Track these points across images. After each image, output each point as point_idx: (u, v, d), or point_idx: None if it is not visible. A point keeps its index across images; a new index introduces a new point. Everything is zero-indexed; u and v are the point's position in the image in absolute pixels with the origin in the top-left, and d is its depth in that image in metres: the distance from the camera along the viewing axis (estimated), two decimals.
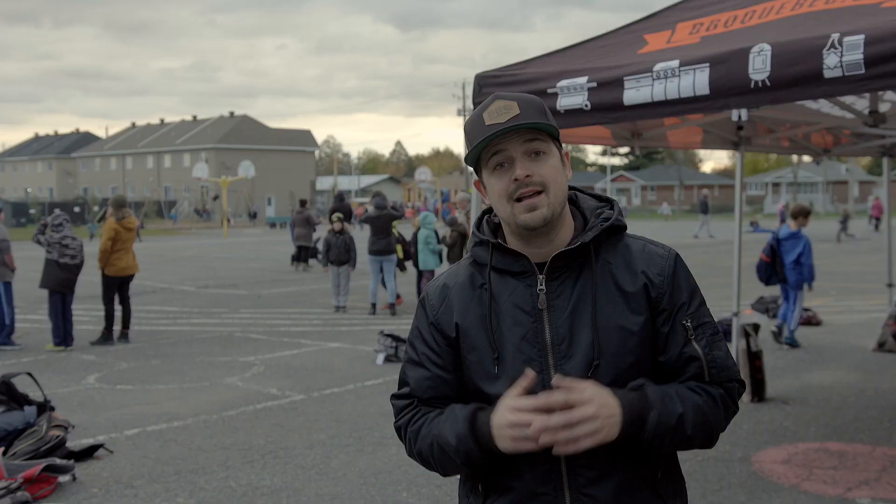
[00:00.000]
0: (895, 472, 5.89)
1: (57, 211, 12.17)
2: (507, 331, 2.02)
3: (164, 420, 7.74)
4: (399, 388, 2.16)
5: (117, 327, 12.17)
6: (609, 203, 2.14)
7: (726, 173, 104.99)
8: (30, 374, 7.45)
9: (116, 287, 12.05)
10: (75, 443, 6.82)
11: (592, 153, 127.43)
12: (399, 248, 15.29)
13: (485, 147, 2.00)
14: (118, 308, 12.15)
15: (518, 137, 1.98)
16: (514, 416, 1.88)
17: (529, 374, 1.94)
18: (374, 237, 14.54)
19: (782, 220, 47.91)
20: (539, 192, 1.98)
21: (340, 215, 15.69)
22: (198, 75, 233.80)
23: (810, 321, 12.30)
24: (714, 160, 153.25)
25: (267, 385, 9.17)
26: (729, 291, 8.76)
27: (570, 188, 2.13)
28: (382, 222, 14.64)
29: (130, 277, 12.16)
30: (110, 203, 12.28)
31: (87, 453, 6.59)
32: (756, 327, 8.23)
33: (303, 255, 23.10)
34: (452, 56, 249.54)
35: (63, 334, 11.51)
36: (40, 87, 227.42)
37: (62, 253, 11.39)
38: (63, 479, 5.98)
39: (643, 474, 2.01)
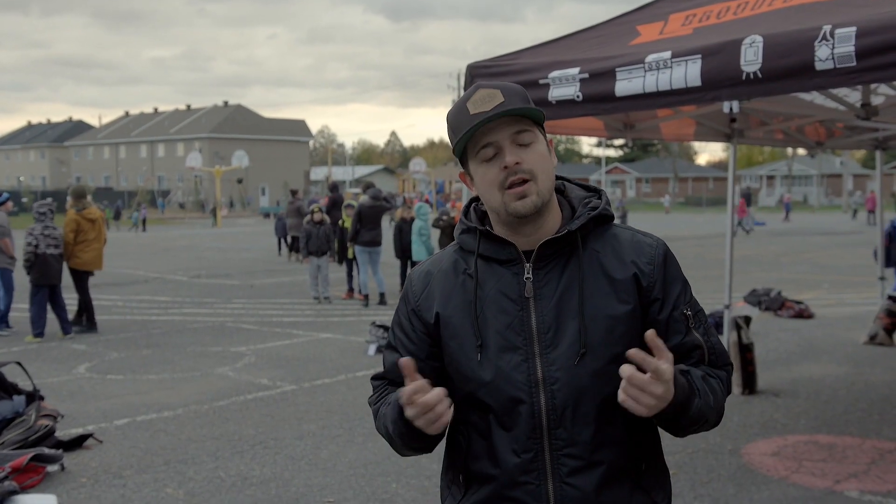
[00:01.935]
0: (884, 465, 5.88)
1: (49, 199, 12.10)
2: (491, 318, 2.00)
3: (155, 410, 7.72)
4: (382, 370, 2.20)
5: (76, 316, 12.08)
6: (597, 192, 2.13)
7: (721, 166, 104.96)
8: (19, 364, 7.42)
9: (85, 278, 11.94)
10: (64, 432, 6.79)
11: (587, 145, 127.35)
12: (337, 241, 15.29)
13: (471, 137, 1.98)
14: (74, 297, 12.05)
15: (505, 126, 1.96)
16: (410, 411, 1.89)
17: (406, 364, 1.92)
18: (364, 228, 14.45)
19: (787, 212, 47.70)
20: (528, 180, 1.96)
21: (320, 205, 15.69)
22: (189, 64, 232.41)
23: (802, 314, 12.32)
24: (709, 152, 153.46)
25: (258, 375, 9.14)
26: (720, 284, 8.75)
27: (558, 178, 2.12)
28: (375, 213, 14.59)
29: (91, 273, 12.06)
30: (70, 194, 12.14)
31: (76, 443, 6.56)
32: (747, 320, 8.21)
33: (295, 245, 23.09)
34: (444, 47, 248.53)
35: (61, 324, 11.46)
36: (31, 76, 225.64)
37: (47, 243, 11.33)
38: (51, 468, 5.95)
39: (627, 465, 2.00)
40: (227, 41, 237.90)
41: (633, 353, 1.83)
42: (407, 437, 2.00)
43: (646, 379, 1.80)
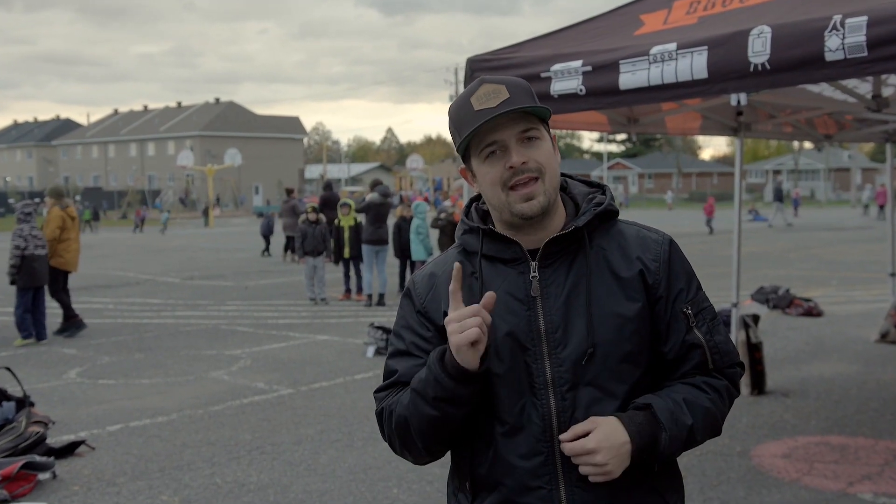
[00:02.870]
0: None
1: (35, 199, 12.01)
2: (499, 319, 1.95)
3: (148, 415, 7.61)
4: (384, 381, 2.09)
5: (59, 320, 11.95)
6: (601, 188, 2.10)
7: (725, 160, 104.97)
8: (8, 369, 7.31)
9: (63, 279, 11.82)
10: (56, 439, 6.70)
11: (588, 140, 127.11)
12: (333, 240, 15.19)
13: (475, 134, 1.94)
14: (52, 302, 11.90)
15: (511, 123, 1.93)
16: (452, 326, 1.85)
17: (489, 296, 1.89)
18: (372, 226, 14.26)
19: (796, 207, 47.64)
20: (535, 179, 1.94)
21: (315, 205, 15.56)
22: (178, 61, 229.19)
23: (811, 312, 12.16)
24: (713, 147, 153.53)
25: (254, 379, 9.03)
26: (728, 282, 8.63)
27: (560, 174, 2.08)
28: (384, 211, 14.43)
29: (69, 273, 11.95)
30: (50, 193, 12.05)
31: (68, 450, 6.47)
32: (756, 318, 8.08)
33: (290, 245, 22.85)
34: (439, 41, 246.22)
35: (36, 328, 11.28)
36: (16, 73, 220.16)
37: (35, 244, 11.19)
38: (43, 476, 5.86)
39: (640, 468, 1.95)
40: (217, 37, 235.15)
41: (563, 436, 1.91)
42: (446, 386, 1.88)
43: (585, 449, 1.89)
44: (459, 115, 1.97)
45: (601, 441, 1.86)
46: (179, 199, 70.59)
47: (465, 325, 1.83)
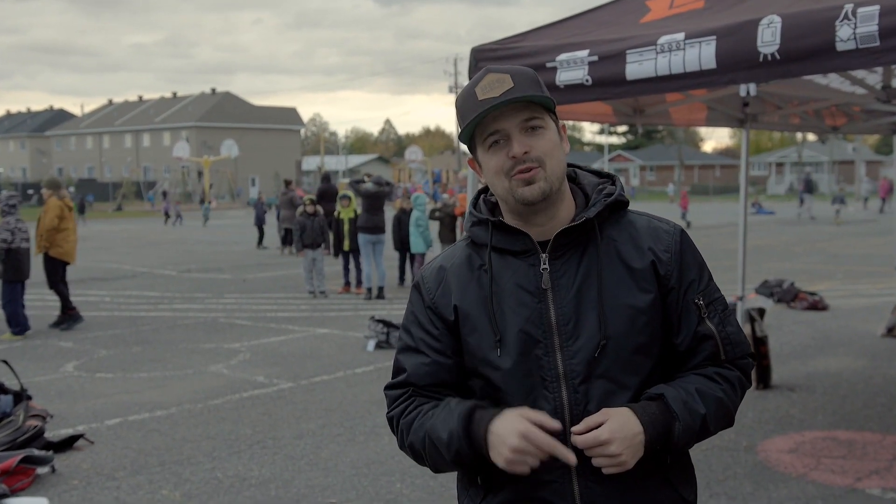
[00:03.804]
0: None
1: (8, 192, 11.89)
2: (510, 312, 1.96)
3: (147, 409, 7.54)
4: (393, 378, 2.08)
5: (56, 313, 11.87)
6: (610, 178, 2.09)
7: (728, 153, 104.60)
8: (5, 362, 7.26)
9: (62, 270, 11.72)
10: (54, 433, 6.64)
11: (589, 132, 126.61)
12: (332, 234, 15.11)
13: (479, 123, 1.94)
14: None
15: (513, 112, 1.92)
16: (522, 444, 1.82)
17: (554, 425, 1.85)
18: (368, 214, 14.16)
19: (801, 202, 47.39)
20: (535, 168, 1.92)
21: (313, 197, 15.45)
22: (172, 51, 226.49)
23: (816, 306, 12.08)
24: (716, 139, 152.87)
25: (253, 373, 8.95)
26: (732, 275, 8.56)
27: (569, 165, 2.08)
28: (379, 199, 14.33)
29: (67, 264, 11.88)
30: (46, 185, 11.99)
31: (67, 444, 6.41)
32: (761, 312, 8.00)
33: (288, 237, 22.69)
34: (437, 31, 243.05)
35: (24, 322, 11.16)
36: (7, 63, 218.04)
37: (21, 237, 11.07)
38: (42, 470, 5.81)
39: (653, 460, 1.94)
40: (211, 26, 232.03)
41: (576, 429, 1.88)
42: (465, 456, 1.91)
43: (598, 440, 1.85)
44: (465, 104, 1.96)
45: (614, 432, 1.84)
46: (162, 193, 68.11)
47: (527, 461, 1.83)
